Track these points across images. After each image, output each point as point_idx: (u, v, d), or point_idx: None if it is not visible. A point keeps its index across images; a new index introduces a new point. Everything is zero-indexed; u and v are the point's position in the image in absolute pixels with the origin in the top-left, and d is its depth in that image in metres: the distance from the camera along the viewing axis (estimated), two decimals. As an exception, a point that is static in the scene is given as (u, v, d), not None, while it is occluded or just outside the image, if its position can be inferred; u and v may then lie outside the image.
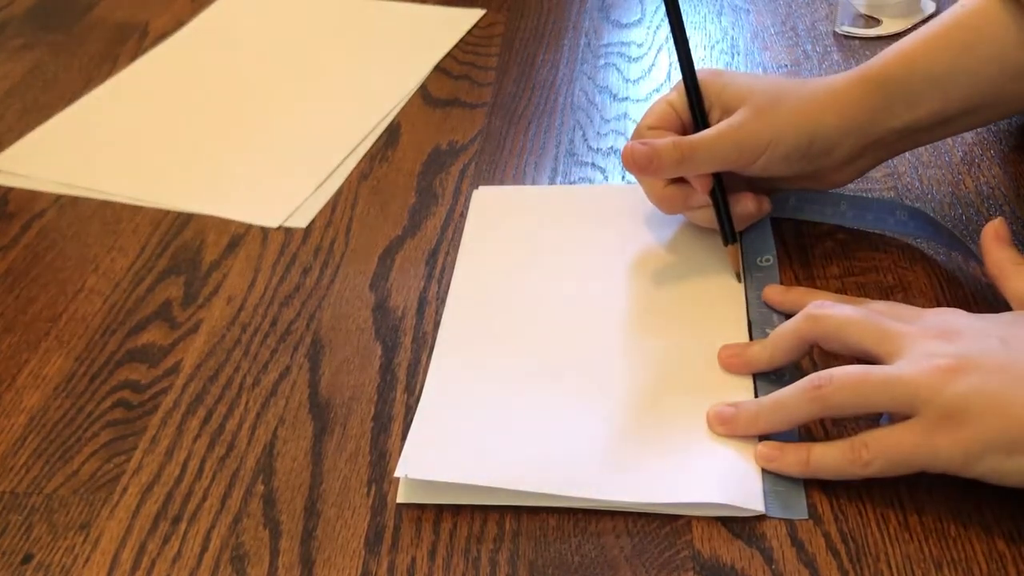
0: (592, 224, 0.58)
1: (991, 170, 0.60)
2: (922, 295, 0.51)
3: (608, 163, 0.64)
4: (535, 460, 0.44)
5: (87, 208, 0.64)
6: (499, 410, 0.47)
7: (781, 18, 0.79)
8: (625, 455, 0.44)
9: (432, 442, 0.45)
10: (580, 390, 0.47)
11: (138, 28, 0.86)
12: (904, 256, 0.54)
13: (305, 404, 0.49)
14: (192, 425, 0.48)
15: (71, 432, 0.49)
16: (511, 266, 0.55)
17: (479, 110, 0.71)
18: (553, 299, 0.53)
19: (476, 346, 0.51)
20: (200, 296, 0.56)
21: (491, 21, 0.83)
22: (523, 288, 0.54)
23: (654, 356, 0.49)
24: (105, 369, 0.52)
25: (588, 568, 0.40)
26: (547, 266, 0.55)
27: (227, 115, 0.73)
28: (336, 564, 0.41)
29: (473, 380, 0.48)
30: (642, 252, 0.55)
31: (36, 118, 0.74)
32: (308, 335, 0.53)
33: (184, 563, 0.42)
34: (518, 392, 0.47)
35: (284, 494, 0.45)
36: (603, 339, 0.50)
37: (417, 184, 0.64)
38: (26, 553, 0.43)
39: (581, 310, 0.52)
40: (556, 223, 0.59)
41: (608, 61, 0.76)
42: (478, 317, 0.52)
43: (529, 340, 0.50)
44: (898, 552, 0.40)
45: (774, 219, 0.56)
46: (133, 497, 0.45)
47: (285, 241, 0.60)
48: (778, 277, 0.52)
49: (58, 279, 0.59)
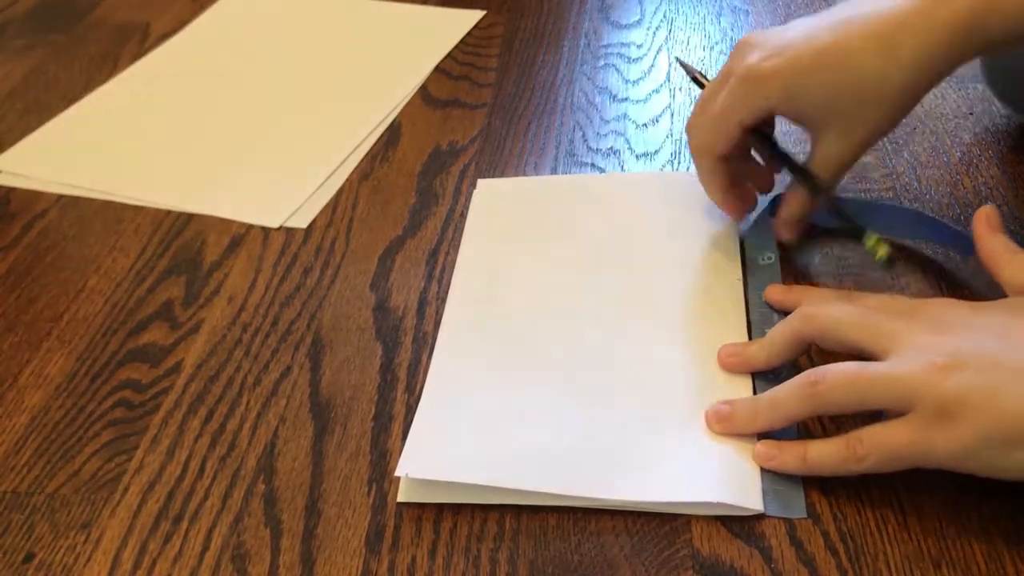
0: (594, 215, 0.58)
1: (989, 170, 0.60)
2: (922, 296, 0.52)
3: (608, 163, 0.64)
4: (535, 459, 0.44)
5: (89, 208, 0.65)
6: (499, 408, 0.47)
7: (780, 19, 0.79)
8: (625, 454, 0.44)
9: (433, 441, 0.45)
10: (580, 388, 0.47)
11: (139, 29, 0.86)
12: (902, 254, 0.54)
13: (306, 404, 0.49)
14: (193, 424, 0.48)
15: (73, 432, 0.49)
16: (512, 261, 0.56)
17: (479, 110, 0.71)
18: (554, 294, 0.53)
19: (477, 343, 0.51)
20: (201, 296, 0.57)
21: (491, 22, 0.83)
22: (524, 283, 0.54)
23: (655, 355, 0.49)
24: (107, 369, 0.52)
25: (588, 567, 0.41)
26: (548, 260, 0.55)
27: (228, 115, 0.73)
28: (337, 563, 0.42)
29: (474, 378, 0.49)
30: (643, 245, 0.56)
31: (38, 118, 0.74)
32: (309, 335, 0.53)
33: (185, 562, 0.42)
34: (518, 390, 0.47)
35: (285, 493, 0.45)
36: (603, 337, 0.50)
37: (417, 184, 0.64)
38: (28, 552, 0.43)
39: (581, 306, 0.52)
40: (558, 214, 0.59)
41: (608, 62, 0.76)
42: (479, 313, 0.52)
43: (530, 337, 0.50)
44: (897, 551, 0.40)
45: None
46: (134, 496, 0.45)
47: (286, 241, 0.60)
48: (780, 275, 0.52)
49: (60, 279, 0.59)
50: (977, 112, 0.66)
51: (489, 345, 0.50)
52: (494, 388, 0.48)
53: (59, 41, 0.85)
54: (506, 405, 0.47)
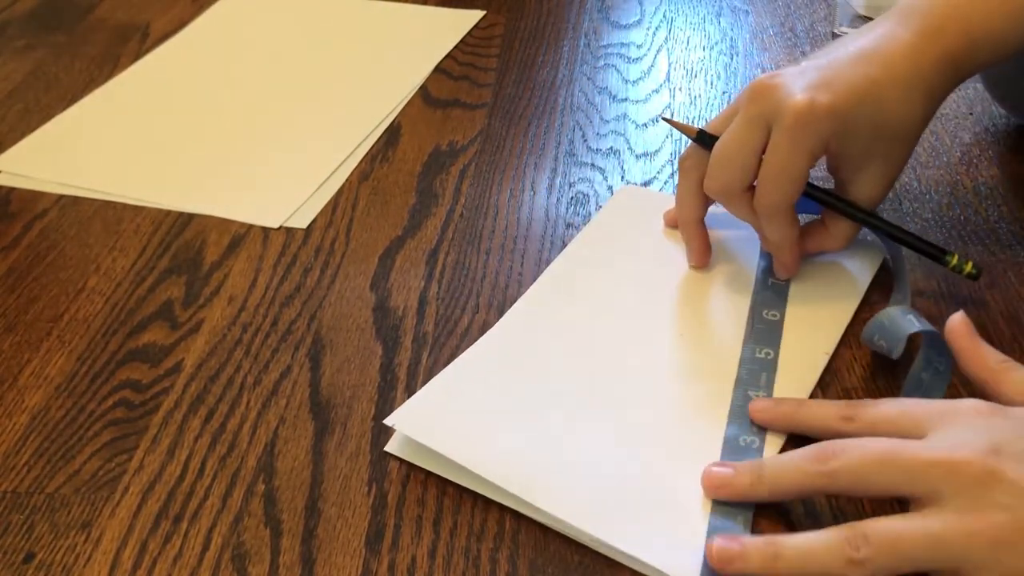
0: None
1: (989, 170, 0.60)
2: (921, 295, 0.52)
3: (607, 163, 0.64)
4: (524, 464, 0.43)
5: (88, 208, 0.65)
6: (512, 408, 0.47)
7: (780, 19, 0.79)
8: (599, 489, 0.43)
9: (436, 407, 0.46)
10: (591, 416, 0.46)
11: (139, 29, 0.86)
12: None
13: (306, 403, 0.49)
14: (193, 424, 0.49)
15: (73, 431, 0.49)
16: (605, 272, 0.55)
17: (479, 111, 0.71)
18: (619, 319, 0.52)
19: (530, 336, 0.51)
20: (201, 296, 0.57)
21: (491, 22, 0.83)
22: (601, 297, 0.53)
23: (646, 399, 0.47)
24: (107, 369, 0.52)
25: (588, 567, 0.41)
26: (635, 285, 0.54)
27: (228, 115, 0.73)
28: (337, 563, 0.42)
29: (505, 369, 0.49)
30: (692, 288, 0.54)
31: (38, 119, 0.74)
32: (309, 335, 0.53)
33: (185, 562, 0.42)
34: (537, 399, 0.47)
35: (285, 493, 0.45)
36: (619, 371, 0.49)
37: (417, 184, 0.64)
38: (28, 552, 0.43)
39: (628, 337, 0.51)
40: (667, 242, 0.57)
41: (607, 62, 0.76)
42: (548, 310, 0.52)
43: (577, 351, 0.50)
44: (896, 551, 0.40)
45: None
46: (134, 496, 0.45)
47: (286, 241, 0.60)
48: (781, 334, 0.50)
49: (60, 279, 0.59)
50: (977, 112, 0.66)
51: (538, 344, 0.50)
52: (518, 387, 0.48)
53: (59, 41, 0.85)
54: (520, 407, 0.47)
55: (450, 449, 0.44)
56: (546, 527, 0.42)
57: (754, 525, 0.41)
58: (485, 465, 0.43)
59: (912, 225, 0.57)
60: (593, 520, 0.41)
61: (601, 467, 0.44)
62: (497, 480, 0.42)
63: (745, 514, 0.41)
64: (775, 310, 0.51)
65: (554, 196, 0.62)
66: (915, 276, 0.53)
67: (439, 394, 0.47)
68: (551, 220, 0.60)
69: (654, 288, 0.53)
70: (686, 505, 0.42)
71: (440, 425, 0.45)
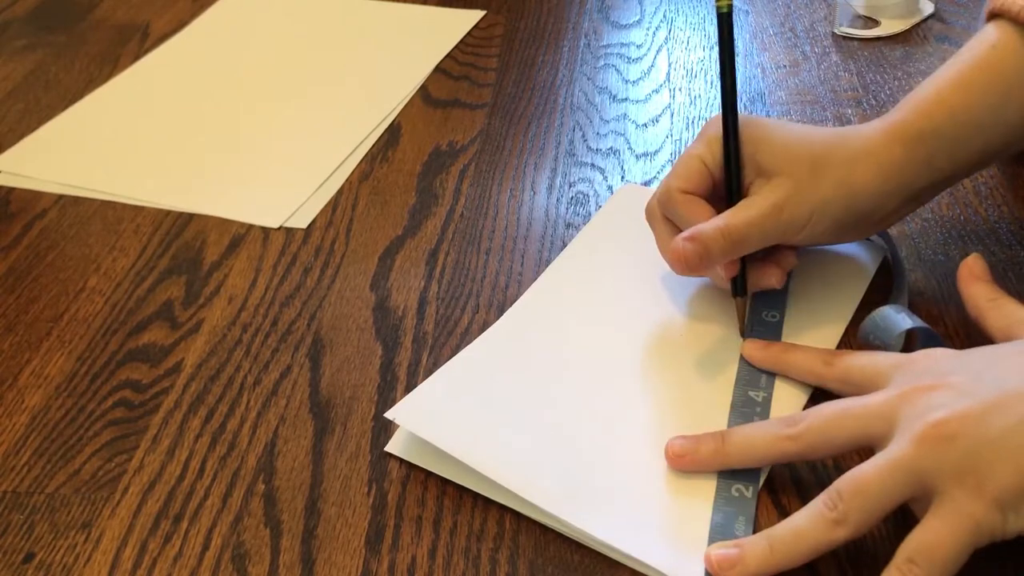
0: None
1: (989, 170, 0.60)
2: (920, 295, 0.52)
3: (607, 163, 0.64)
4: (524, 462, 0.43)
5: (88, 208, 0.65)
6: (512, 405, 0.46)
7: (780, 19, 0.79)
8: (599, 488, 0.43)
9: (436, 401, 0.46)
10: (591, 416, 0.46)
11: (139, 29, 0.86)
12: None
13: (306, 403, 0.49)
14: (193, 424, 0.49)
15: (73, 431, 0.49)
16: (606, 271, 0.55)
17: (479, 111, 0.71)
18: (620, 317, 0.52)
19: (531, 334, 0.51)
20: (201, 296, 0.57)
21: (491, 22, 0.83)
22: (603, 297, 0.53)
23: (647, 399, 0.47)
24: (107, 369, 0.52)
25: (588, 567, 0.41)
26: (635, 284, 0.54)
27: (228, 115, 0.73)
28: (337, 563, 0.42)
29: (506, 367, 0.49)
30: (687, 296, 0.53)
31: (38, 118, 0.74)
32: (309, 335, 0.53)
33: (185, 562, 0.42)
34: (537, 396, 0.47)
35: (285, 493, 0.45)
36: (619, 371, 0.49)
37: (417, 184, 0.64)
38: (27, 552, 0.43)
39: (629, 336, 0.51)
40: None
41: (607, 62, 0.76)
42: (550, 309, 0.52)
43: (578, 349, 0.50)
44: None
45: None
46: (134, 496, 0.45)
47: (286, 241, 0.60)
48: (781, 335, 0.49)
49: (60, 279, 0.59)
50: (977, 112, 0.66)
51: (539, 343, 0.50)
52: (518, 385, 0.48)
53: (59, 41, 0.85)
54: (520, 405, 0.47)
55: (450, 445, 0.44)
56: (546, 527, 0.42)
57: (755, 526, 0.41)
58: (485, 462, 0.43)
59: (912, 225, 0.57)
60: (593, 520, 0.41)
61: (601, 467, 0.44)
62: (497, 478, 0.42)
63: (747, 513, 0.41)
64: (775, 310, 0.51)
65: (554, 196, 0.62)
66: (915, 276, 0.53)
67: (439, 390, 0.47)
68: (551, 220, 0.60)
69: (654, 287, 0.53)
70: (687, 505, 0.42)
71: (440, 421, 0.45)
